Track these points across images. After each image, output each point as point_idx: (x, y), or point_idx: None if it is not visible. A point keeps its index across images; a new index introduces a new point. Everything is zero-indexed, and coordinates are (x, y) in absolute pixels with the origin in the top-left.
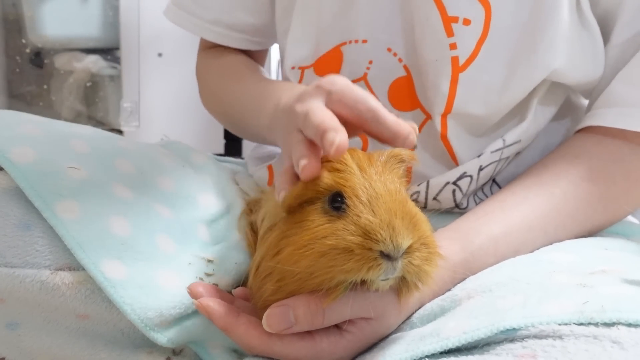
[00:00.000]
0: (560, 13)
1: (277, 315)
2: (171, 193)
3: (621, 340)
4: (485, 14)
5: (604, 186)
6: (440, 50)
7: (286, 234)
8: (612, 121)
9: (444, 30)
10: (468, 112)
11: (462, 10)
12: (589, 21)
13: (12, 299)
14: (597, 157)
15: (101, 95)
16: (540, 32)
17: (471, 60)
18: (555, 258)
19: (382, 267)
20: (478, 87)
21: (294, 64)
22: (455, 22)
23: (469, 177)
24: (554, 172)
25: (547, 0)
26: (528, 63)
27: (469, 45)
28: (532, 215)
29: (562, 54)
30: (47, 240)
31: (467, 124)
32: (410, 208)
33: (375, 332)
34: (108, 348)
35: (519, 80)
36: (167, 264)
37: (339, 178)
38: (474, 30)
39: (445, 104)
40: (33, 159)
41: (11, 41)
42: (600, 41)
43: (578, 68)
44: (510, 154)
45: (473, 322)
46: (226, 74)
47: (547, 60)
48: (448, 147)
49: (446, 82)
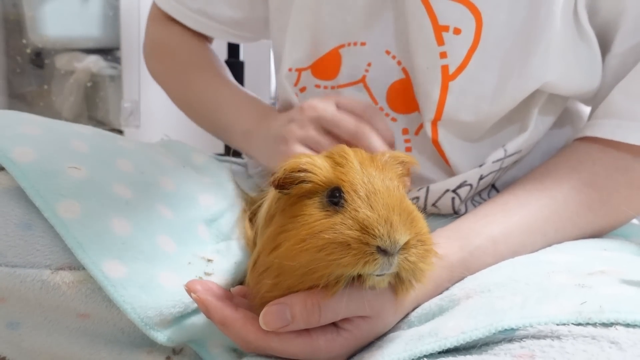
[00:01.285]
0: (554, 25)
1: (274, 313)
2: (172, 193)
3: (619, 340)
4: (476, 24)
5: (606, 193)
6: (431, 58)
7: (284, 228)
8: (611, 133)
9: (435, 39)
10: (458, 119)
11: (452, 20)
12: (586, 31)
13: (13, 298)
14: (600, 164)
15: (102, 96)
16: (534, 44)
17: (461, 69)
18: (554, 258)
19: (379, 262)
20: (468, 96)
21: (291, 66)
22: (445, 31)
23: (469, 186)
24: (556, 177)
25: (541, 12)
26: (520, 74)
27: (459, 54)
28: (532, 219)
29: (555, 66)
30: (48, 240)
31: (458, 130)
32: (407, 205)
33: (372, 330)
34: (108, 347)
35: (510, 91)
36: (167, 263)
37: (339, 173)
38: (464, 40)
39: (435, 110)
40: (34, 158)
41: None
42: (597, 52)
43: (573, 79)
44: (510, 163)
45: (471, 322)
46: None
47: (540, 73)
48: (440, 151)
49: (436, 90)
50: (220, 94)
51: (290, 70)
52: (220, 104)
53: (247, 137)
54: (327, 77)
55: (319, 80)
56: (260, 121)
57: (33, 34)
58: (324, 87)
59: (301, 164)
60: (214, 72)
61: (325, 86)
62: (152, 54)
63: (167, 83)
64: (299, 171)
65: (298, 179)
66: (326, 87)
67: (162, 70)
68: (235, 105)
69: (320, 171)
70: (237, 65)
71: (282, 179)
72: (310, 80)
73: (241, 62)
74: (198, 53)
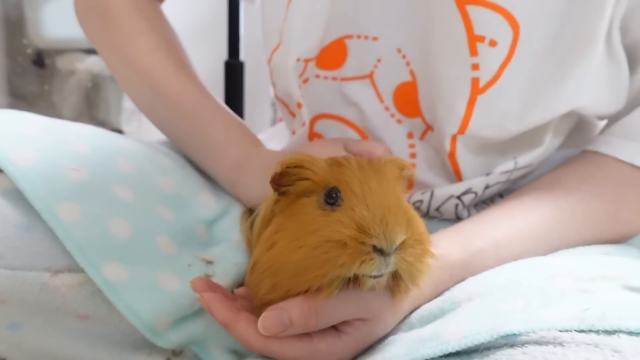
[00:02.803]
0: (596, 49)
1: (272, 318)
2: (172, 194)
3: (622, 349)
4: (513, 37)
5: (614, 208)
6: (460, 68)
7: (280, 227)
8: (629, 157)
9: (468, 49)
10: (480, 135)
11: (489, 30)
12: (617, 52)
13: (13, 300)
14: (611, 178)
15: (102, 96)
16: (571, 67)
17: (491, 83)
18: (556, 262)
19: (375, 262)
20: (495, 112)
21: (299, 56)
22: (481, 42)
23: (473, 194)
24: (565, 187)
25: (583, 34)
26: (554, 96)
27: (492, 68)
28: (538, 226)
29: (589, 91)
30: (47, 242)
31: (477, 145)
32: (404, 205)
33: (372, 332)
34: (108, 349)
35: (539, 112)
36: (167, 265)
37: (337, 173)
38: (499, 53)
39: (460, 125)
40: (34, 160)
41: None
42: (626, 72)
43: (602, 103)
44: (518, 176)
45: (473, 326)
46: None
47: (574, 97)
48: (454, 164)
49: (462, 103)
50: (203, 108)
51: (298, 61)
52: (204, 121)
53: (239, 168)
54: (330, 67)
55: (321, 71)
56: (252, 150)
57: (34, 35)
58: (324, 77)
59: (299, 159)
60: (187, 70)
61: (326, 76)
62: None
63: (119, 68)
64: (297, 167)
65: (296, 175)
66: (326, 77)
67: (112, 44)
68: (224, 127)
69: (318, 169)
70: (237, 66)
71: (280, 175)
72: (312, 71)
73: (241, 62)
74: (165, 37)
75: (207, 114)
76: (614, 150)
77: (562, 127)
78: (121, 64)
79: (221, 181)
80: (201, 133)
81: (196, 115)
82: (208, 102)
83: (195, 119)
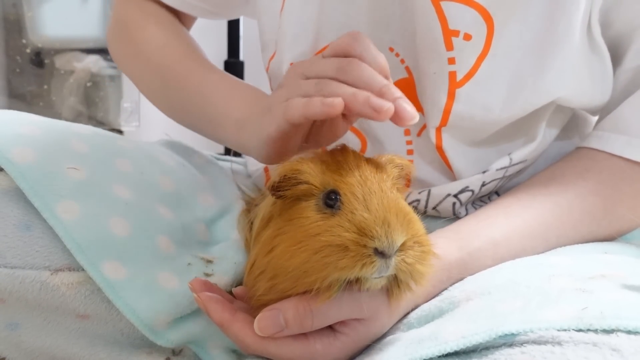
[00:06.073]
0: (573, 41)
1: (268, 319)
2: (171, 193)
3: (621, 348)
4: (488, 31)
5: (610, 202)
6: (438, 63)
7: (280, 231)
8: (620, 150)
9: (444, 44)
10: (463, 126)
11: (463, 25)
12: (599, 45)
13: (13, 299)
14: (607, 173)
15: (101, 95)
16: (550, 59)
17: (469, 76)
18: (554, 261)
19: (376, 265)
20: (475, 104)
21: (292, 60)
22: (455, 36)
23: (470, 192)
24: (561, 183)
25: (559, 27)
26: (534, 88)
27: (467, 61)
28: (535, 223)
29: (570, 81)
30: (47, 241)
31: (462, 136)
32: (403, 206)
33: (368, 332)
34: (108, 348)
35: (521, 104)
36: (166, 264)
37: (335, 175)
38: (474, 46)
39: (441, 117)
40: (33, 159)
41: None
42: (609, 65)
43: (585, 94)
44: (514, 172)
45: (472, 326)
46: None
47: (554, 88)
48: (444, 157)
49: (443, 96)
50: (206, 82)
51: (291, 65)
52: (206, 94)
53: (241, 127)
54: None
55: None
56: (254, 107)
57: (33, 34)
58: None
59: (297, 166)
60: (195, 57)
61: None
62: (118, 35)
63: (136, 70)
64: (295, 173)
65: (294, 181)
66: None
67: (131, 53)
68: (224, 93)
69: (316, 173)
70: (237, 65)
71: (279, 182)
72: None
73: (241, 62)
74: (175, 35)
75: (210, 87)
76: (606, 145)
77: (556, 122)
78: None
79: (232, 146)
80: (206, 106)
81: (200, 90)
82: (212, 77)
83: (199, 95)
